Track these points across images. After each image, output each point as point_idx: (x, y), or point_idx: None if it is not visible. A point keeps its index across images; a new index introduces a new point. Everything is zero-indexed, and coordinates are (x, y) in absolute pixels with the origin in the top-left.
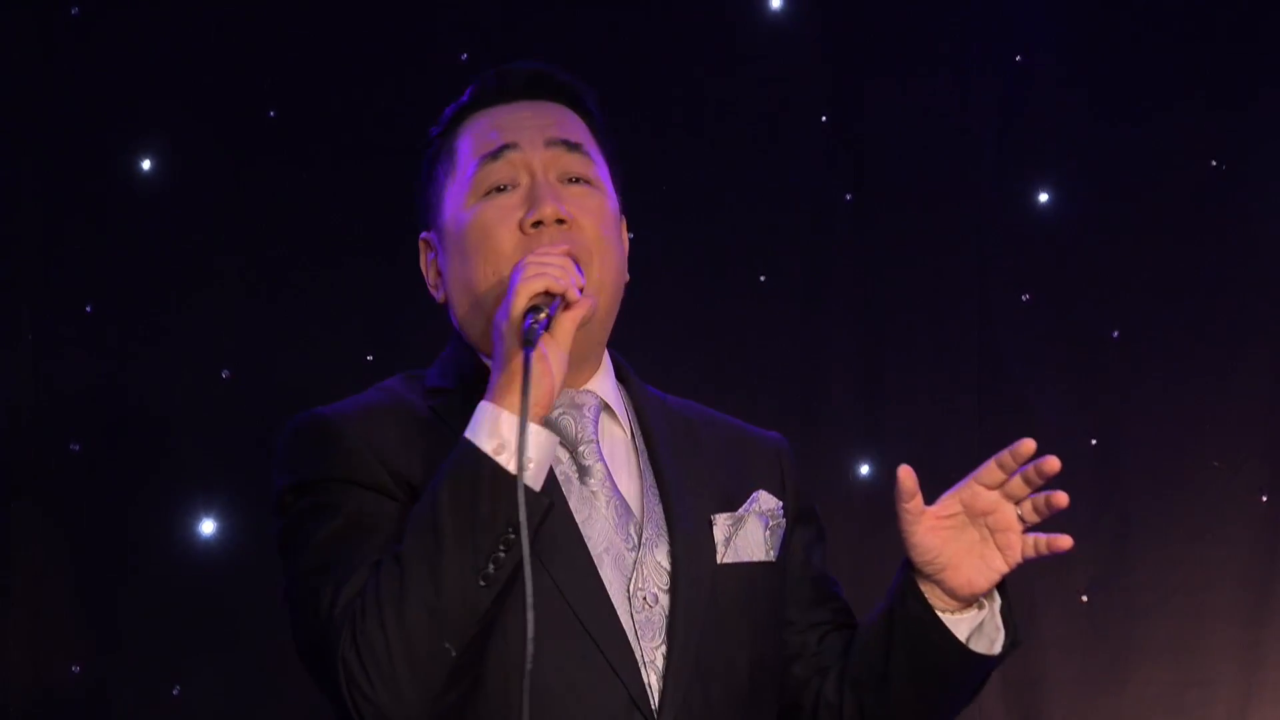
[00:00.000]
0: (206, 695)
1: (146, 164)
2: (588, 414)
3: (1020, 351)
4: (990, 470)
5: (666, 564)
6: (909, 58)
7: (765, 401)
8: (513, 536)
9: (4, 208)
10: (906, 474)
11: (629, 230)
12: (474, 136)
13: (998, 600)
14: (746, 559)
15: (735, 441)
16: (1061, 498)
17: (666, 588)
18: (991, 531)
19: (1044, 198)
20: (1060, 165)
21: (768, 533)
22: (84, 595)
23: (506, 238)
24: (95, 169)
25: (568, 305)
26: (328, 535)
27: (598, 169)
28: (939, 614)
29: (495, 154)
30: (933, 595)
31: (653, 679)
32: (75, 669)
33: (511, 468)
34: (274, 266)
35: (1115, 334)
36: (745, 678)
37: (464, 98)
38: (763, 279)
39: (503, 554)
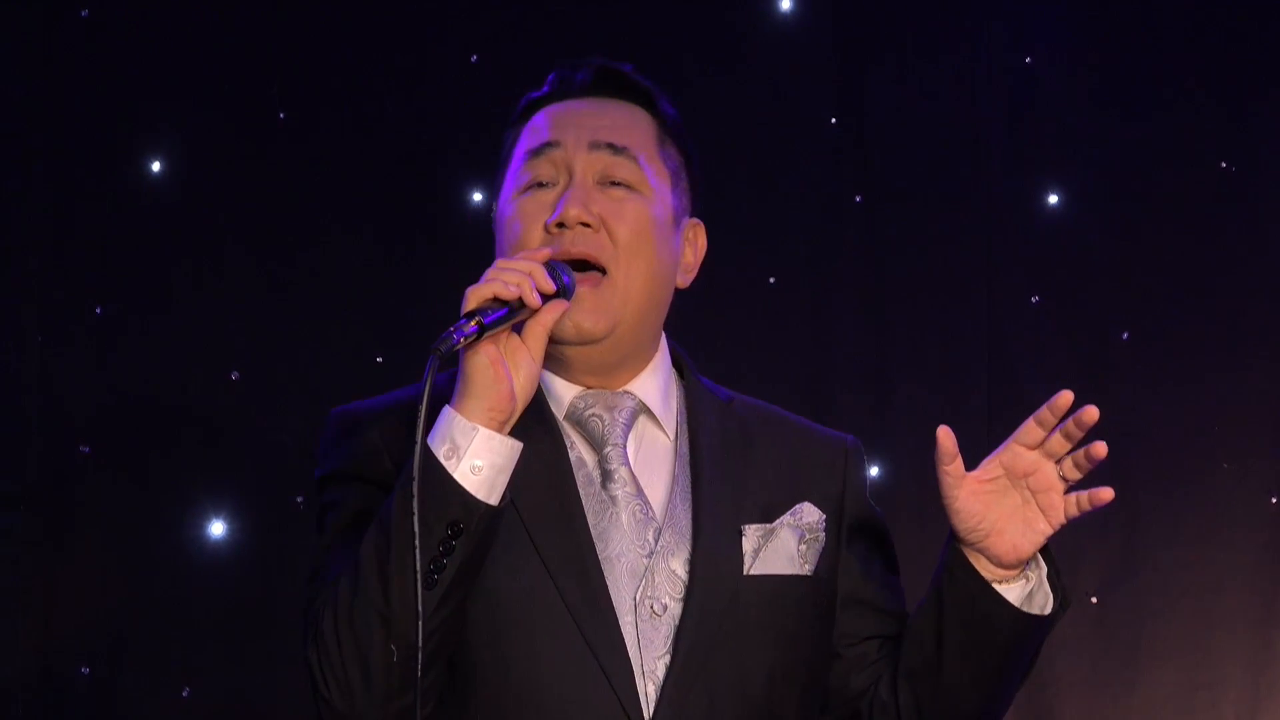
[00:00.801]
0: (216, 697)
1: (156, 166)
2: (619, 416)
3: (1029, 353)
4: (1029, 429)
5: (682, 572)
6: (918, 59)
7: (774, 402)
8: (454, 542)
9: (14, 209)
10: (945, 434)
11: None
12: (529, 131)
13: (1043, 567)
14: (775, 571)
15: (796, 448)
16: (1100, 448)
17: (680, 597)
18: (1033, 493)
19: (1053, 199)
20: (1069, 166)
21: (802, 546)
22: (93, 597)
23: (534, 235)
24: (105, 171)
25: (532, 312)
26: (330, 535)
27: (647, 174)
28: (994, 585)
29: (539, 150)
30: (980, 565)
31: (650, 688)
32: (84, 670)
33: (456, 473)
34: (283, 268)
35: (1125, 335)
36: (763, 692)
37: (543, 89)
38: (772, 280)
39: (445, 559)
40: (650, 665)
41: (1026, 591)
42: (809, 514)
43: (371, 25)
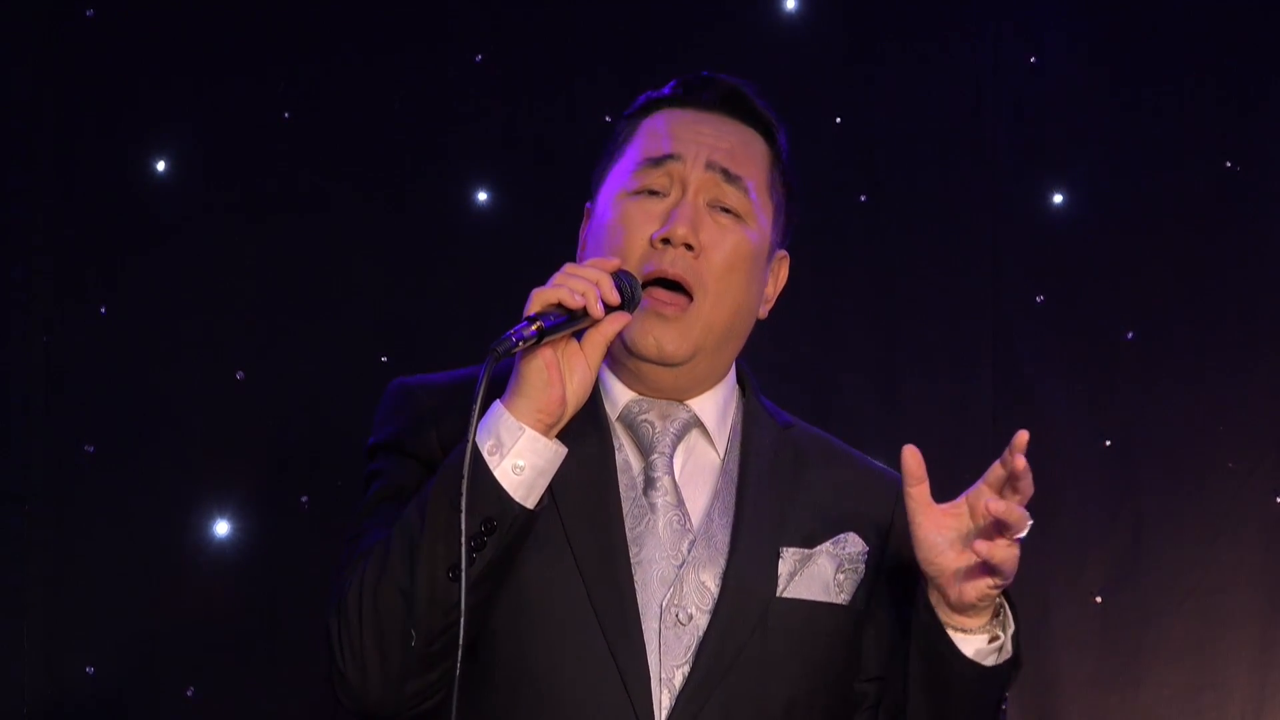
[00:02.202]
0: (220, 696)
1: (161, 165)
2: (671, 426)
3: (1034, 353)
4: (994, 468)
5: (713, 586)
6: (924, 59)
7: (778, 403)
8: (485, 539)
9: (19, 208)
10: (910, 454)
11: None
12: (649, 134)
13: (1012, 627)
14: (808, 597)
15: (848, 480)
16: (1020, 438)
17: (708, 609)
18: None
19: (1058, 199)
20: (1074, 166)
21: (840, 575)
22: (98, 596)
23: (637, 244)
24: (110, 170)
25: (594, 322)
26: (369, 504)
27: (755, 205)
28: (948, 630)
29: (658, 160)
30: (939, 608)
31: (664, 697)
32: (89, 670)
33: (497, 471)
34: (288, 268)
35: (1129, 335)
36: (781, 715)
37: (665, 89)
38: None
39: (474, 554)
40: (668, 674)
41: (994, 647)
42: (853, 544)
43: (376, 25)
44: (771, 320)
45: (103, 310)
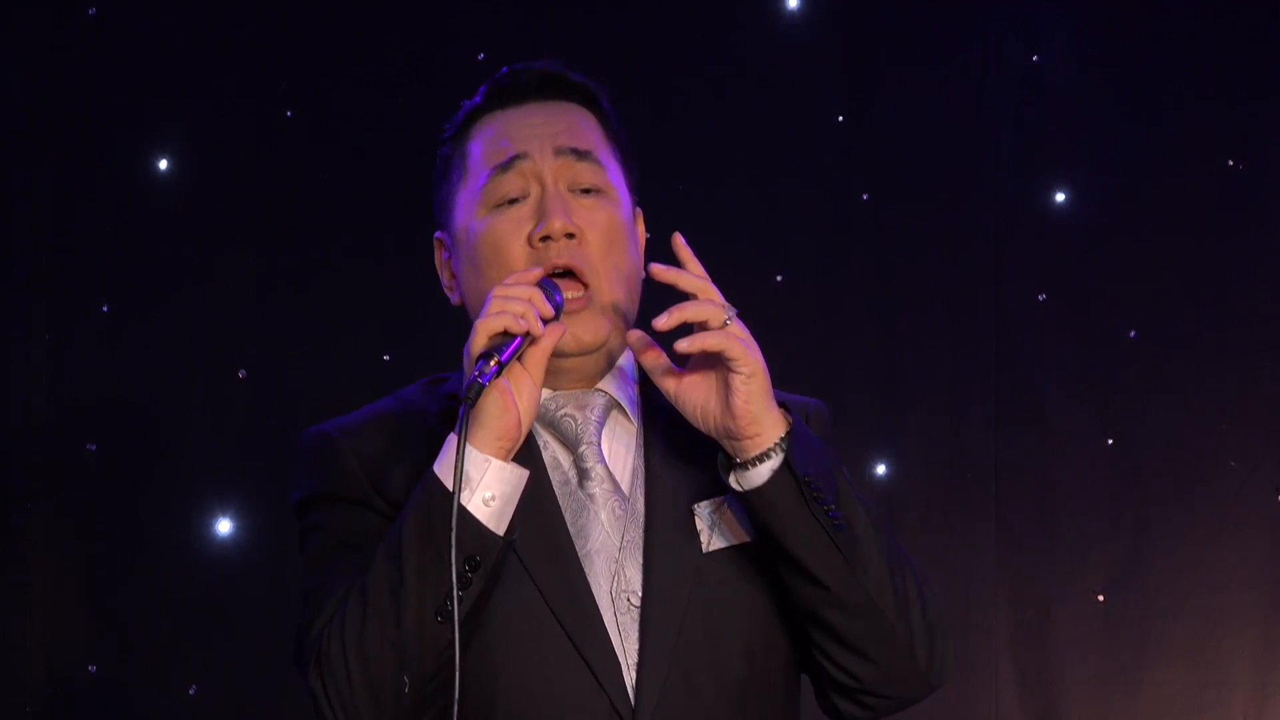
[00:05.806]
0: (223, 695)
1: (163, 164)
2: (592, 415)
3: (1036, 351)
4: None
5: (643, 562)
6: (925, 58)
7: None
8: (470, 575)
9: (22, 207)
10: (631, 333)
11: (646, 228)
12: (485, 144)
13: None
14: (734, 542)
15: None
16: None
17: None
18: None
19: (1060, 198)
20: (1076, 165)
21: None
22: (100, 595)
23: (518, 252)
24: (112, 169)
25: (534, 340)
26: (315, 557)
27: (609, 174)
28: (734, 468)
29: (506, 165)
30: (736, 464)
31: (634, 679)
32: (91, 669)
33: (470, 505)
34: (290, 267)
35: (1132, 334)
36: (743, 665)
37: (476, 99)
38: (779, 279)
39: (460, 591)
40: (633, 657)
41: (766, 468)
42: None
43: (379, 23)
44: (771, 318)
45: (104, 308)
